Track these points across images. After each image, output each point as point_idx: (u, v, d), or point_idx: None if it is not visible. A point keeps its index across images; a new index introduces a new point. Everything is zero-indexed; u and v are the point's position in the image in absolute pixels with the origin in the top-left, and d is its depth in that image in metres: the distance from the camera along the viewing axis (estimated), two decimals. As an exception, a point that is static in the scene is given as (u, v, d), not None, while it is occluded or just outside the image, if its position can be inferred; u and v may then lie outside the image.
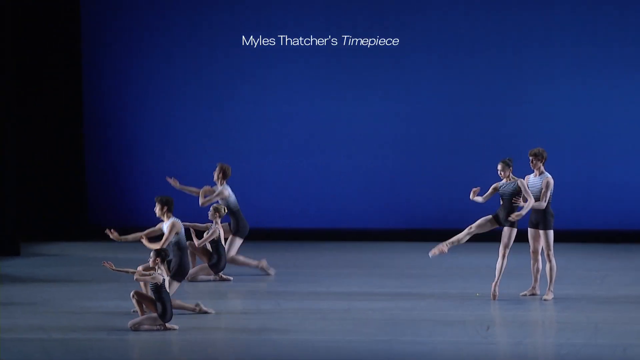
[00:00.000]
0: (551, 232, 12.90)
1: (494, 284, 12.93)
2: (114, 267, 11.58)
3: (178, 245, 12.32)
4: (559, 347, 10.91)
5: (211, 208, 14.29)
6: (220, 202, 14.60)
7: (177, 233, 12.29)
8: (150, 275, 11.46)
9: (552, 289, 12.97)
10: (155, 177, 17.30)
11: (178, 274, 12.31)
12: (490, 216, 12.92)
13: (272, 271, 14.72)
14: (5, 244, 16.38)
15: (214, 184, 14.73)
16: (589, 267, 15.44)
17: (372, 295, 13.37)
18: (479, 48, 17.75)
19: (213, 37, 18.02)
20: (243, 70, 18.06)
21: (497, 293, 12.91)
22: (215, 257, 14.31)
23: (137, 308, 11.63)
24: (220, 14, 18.01)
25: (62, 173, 17.99)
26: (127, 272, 11.60)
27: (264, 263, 14.73)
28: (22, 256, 16.41)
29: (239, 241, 14.78)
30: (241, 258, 14.66)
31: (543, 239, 12.88)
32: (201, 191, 14.60)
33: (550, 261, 12.94)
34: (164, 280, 11.53)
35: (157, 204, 12.41)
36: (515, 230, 12.84)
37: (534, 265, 13.07)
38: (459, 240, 13.00)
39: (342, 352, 10.61)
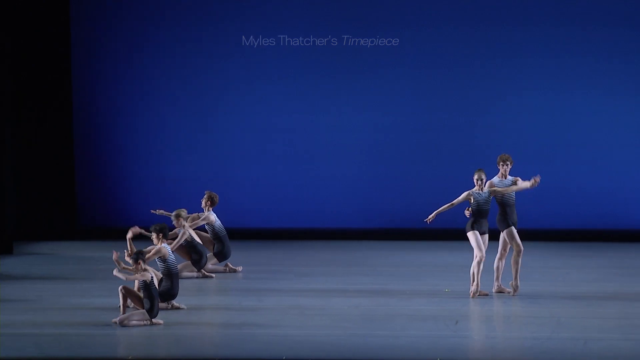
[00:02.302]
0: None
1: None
2: (121, 266, 11.56)
3: (169, 271, 12.20)
4: (524, 340, 10.95)
5: (173, 216, 14.22)
6: (206, 227, 14.56)
7: (165, 260, 12.18)
8: (139, 273, 11.46)
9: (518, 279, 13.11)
10: (144, 180, 17.29)
11: (165, 296, 12.19)
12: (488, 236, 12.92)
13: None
14: (-1, 243, 16.34)
15: (202, 193, 14.76)
16: (553, 265, 15.48)
17: (348, 292, 13.36)
18: (451, 63, 17.75)
19: (202, 45, 17.88)
20: (230, 80, 17.94)
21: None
22: (196, 256, 14.29)
23: (121, 302, 11.60)
24: (209, 24, 17.92)
25: (54, 176, 17.86)
26: (129, 269, 11.62)
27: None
28: (15, 255, 16.30)
29: (215, 262, 14.74)
30: (188, 274, 14.43)
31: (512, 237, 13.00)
32: (189, 217, 14.55)
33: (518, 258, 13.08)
34: (152, 277, 11.52)
35: (152, 233, 12.31)
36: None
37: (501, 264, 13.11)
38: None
39: (320, 346, 10.60)
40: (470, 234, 12.81)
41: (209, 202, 14.70)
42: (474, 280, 12.83)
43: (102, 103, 18.04)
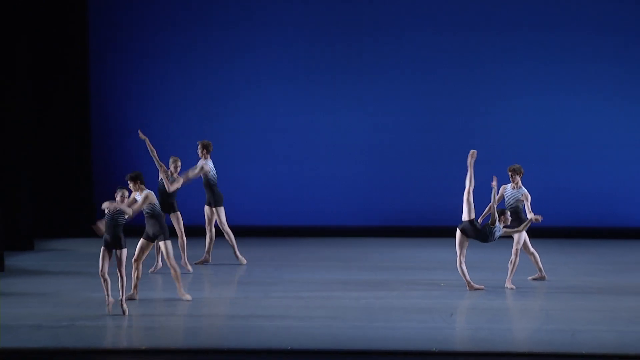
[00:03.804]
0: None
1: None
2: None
3: (153, 213, 12.17)
4: (515, 332, 10.90)
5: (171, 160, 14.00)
6: (202, 176, 14.33)
7: (150, 203, 12.12)
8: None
9: (512, 278, 13.10)
10: (157, 179, 17.24)
11: (165, 233, 12.18)
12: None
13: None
14: (21, 240, 16.24)
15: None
16: (542, 261, 15.34)
17: (349, 285, 13.30)
18: (450, 66, 17.71)
19: (207, 50, 17.88)
20: (234, 83, 17.94)
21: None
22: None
23: (107, 290, 11.52)
24: (214, 32, 17.92)
25: (72, 176, 17.83)
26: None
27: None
28: (35, 251, 16.28)
29: (221, 209, 14.51)
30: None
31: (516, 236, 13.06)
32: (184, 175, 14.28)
33: (517, 255, 13.05)
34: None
35: (129, 181, 12.19)
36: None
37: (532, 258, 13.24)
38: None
39: (321, 337, 10.56)
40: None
41: (204, 150, 14.42)
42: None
43: (117, 104, 18.05)
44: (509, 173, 13.21)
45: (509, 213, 12.78)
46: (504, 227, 12.73)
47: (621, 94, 17.67)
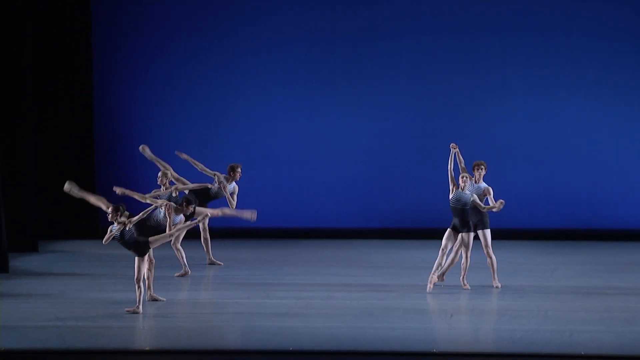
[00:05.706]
0: (489, 231, 12.98)
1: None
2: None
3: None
4: (514, 333, 10.86)
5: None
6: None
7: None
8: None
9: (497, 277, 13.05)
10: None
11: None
12: (448, 229, 12.93)
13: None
14: (26, 241, 16.21)
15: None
16: (539, 262, 15.39)
17: (349, 287, 13.28)
18: (445, 71, 17.73)
19: (211, 56, 17.88)
20: (236, 88, 17.97)
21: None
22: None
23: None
24: (218, 37, 17.94)
25: (75, 177, 17.65)
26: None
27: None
28: (40, 253, 16.25)
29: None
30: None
31: (484, 237, 12.96)
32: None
33: (491, 256, 12.99)
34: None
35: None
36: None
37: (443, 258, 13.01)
38: (439, 264, 12.87)
39: (322, 337, 10.54)
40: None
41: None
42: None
43: (120, 106, 18.05)
44: (474, 167, 13.16)
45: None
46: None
47: (616, 98, 17.67)
